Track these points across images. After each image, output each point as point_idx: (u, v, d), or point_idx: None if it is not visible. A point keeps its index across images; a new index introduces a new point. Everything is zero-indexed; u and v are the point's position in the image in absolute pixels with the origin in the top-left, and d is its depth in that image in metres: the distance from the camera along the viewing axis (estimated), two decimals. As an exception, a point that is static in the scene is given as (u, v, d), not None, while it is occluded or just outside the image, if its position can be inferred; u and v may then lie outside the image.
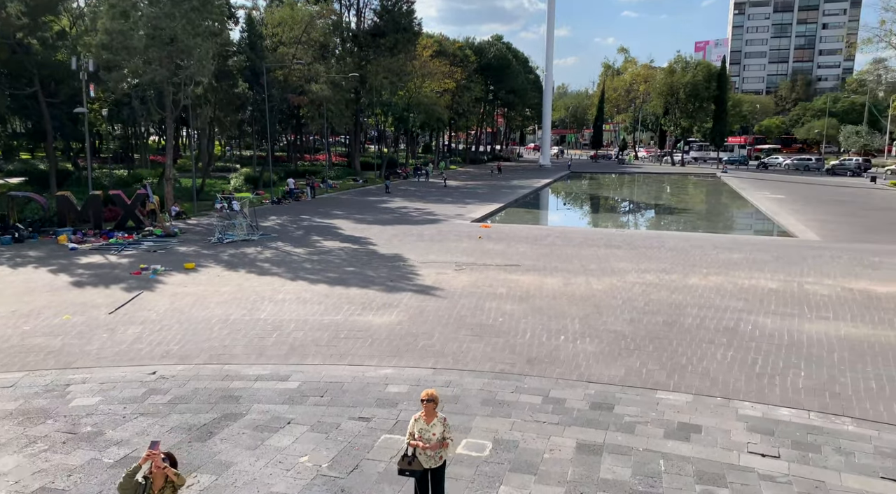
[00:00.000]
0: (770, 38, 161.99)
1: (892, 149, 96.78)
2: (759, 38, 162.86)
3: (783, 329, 15.75)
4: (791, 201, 46.03)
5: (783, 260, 24.40)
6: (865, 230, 33.07)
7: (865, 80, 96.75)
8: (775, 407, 11.35)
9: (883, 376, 12.75)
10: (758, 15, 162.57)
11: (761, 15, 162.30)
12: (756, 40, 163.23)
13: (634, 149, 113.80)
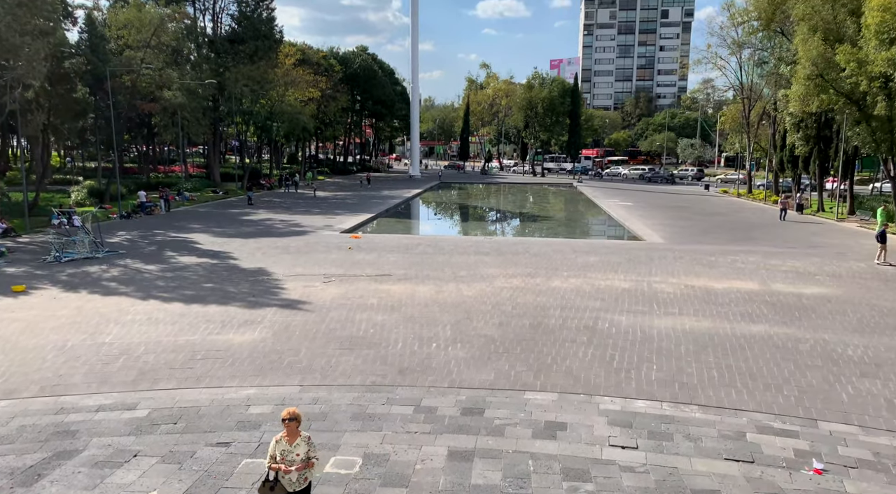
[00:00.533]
0: (616, 58, 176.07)
1: (721, 160, 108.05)
2: (607, 57, 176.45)
3: (636, 325, 16.76)
4: (638, 208, 49.78)
5: (634, 262, 26.12)
6: (702, 232, 36.43)
7: (697, 98, 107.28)
8: (632, 400, 11.97)
9: (722, 365, 13.90)
10: (604, 36, 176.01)
11: (607, 36, 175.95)
12: (604, 60, 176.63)
13: (500, 161, 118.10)
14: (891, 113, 33.62)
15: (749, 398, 12.13)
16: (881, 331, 16.55)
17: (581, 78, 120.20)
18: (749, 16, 48.78)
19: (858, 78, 33.30)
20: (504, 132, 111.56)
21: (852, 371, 13.59)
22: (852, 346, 15.25)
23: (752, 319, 17.53)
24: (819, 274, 24.20)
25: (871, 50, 32.04)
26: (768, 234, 35.71)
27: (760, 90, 58.06)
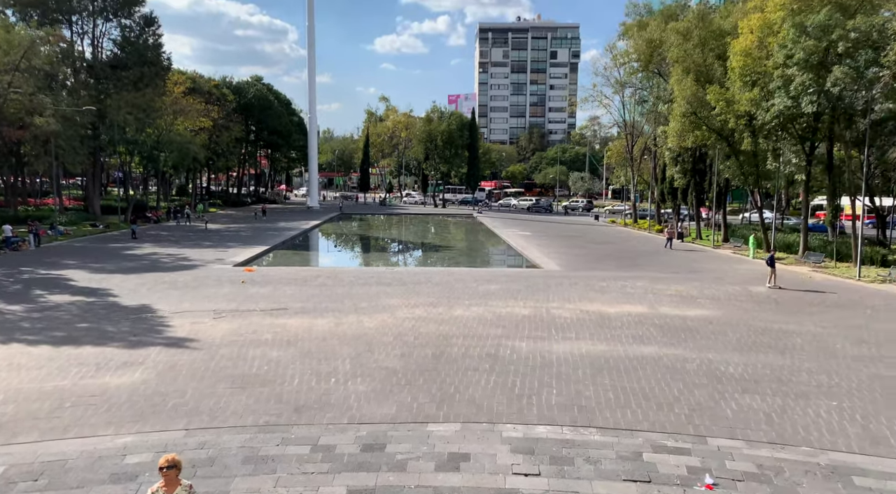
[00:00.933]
0: (510, 95, 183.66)
1: (609, 192, 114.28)
2: (501, 94, 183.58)
3: (536, 351, 16.99)
4: (536, 237, 51.33)
5: (533, 289, 26.70)
6: (595, 260, 37.98)
7: (585, 134, 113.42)
8: (533, 426, 11.99)
9: (618, 386, 14.28)
10: (499, 74, 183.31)
11: (501, 74, 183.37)
12: (499, 96, 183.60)
13: (400, 192, 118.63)
14: (755, 148, 36.88)
15: (643, 418, 12.48)
16: (757, 349, 17.71)
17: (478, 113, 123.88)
18: (629, 57, 52.48)
19: (727, 116, 36.37)
20: (405, 164, 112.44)
21: (735, 387, 14.36)
22: (733, 364, 16.17)
23: (643, 341, 18.25)
24: (700, 297, 25.74)
25: (736, 91, 35.14)
26: (653, 261, 37.76)
27: (642, 127, 62.18)
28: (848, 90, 29.01)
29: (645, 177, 67.66)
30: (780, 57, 31.65)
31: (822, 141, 35.42)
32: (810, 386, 14.63)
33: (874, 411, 13.03)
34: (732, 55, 35.39)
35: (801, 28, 30.32)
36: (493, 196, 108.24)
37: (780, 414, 12.79)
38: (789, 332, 19.85)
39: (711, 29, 40.32)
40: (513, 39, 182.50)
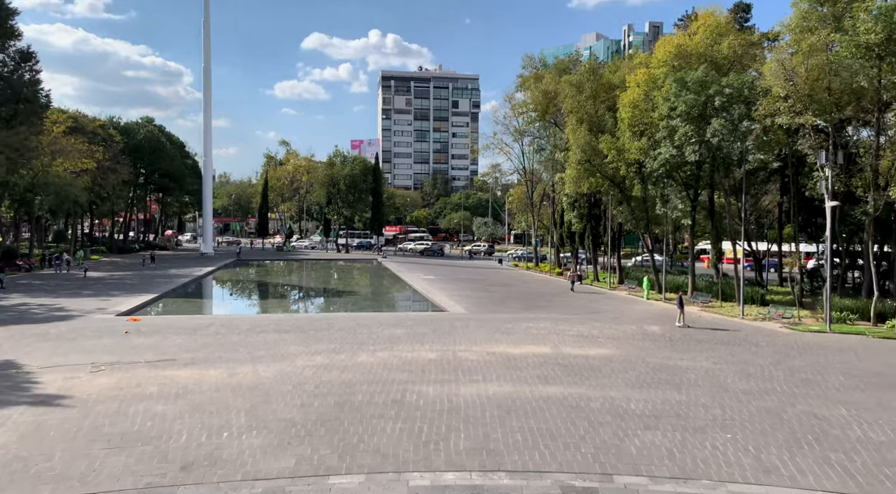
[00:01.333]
0: (413, 141, 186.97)
1: (511, 237, 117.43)
2: (405, 140, 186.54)
3: (443, 395, 16.61)
4: (440, 281, 51.42)
5: (439, 332, 26.44)
6: (498, 302, 38.42)
7: (487, 181, 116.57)
8: (442, 473, 11.54)
9: (525, 428, 14.12)
10: (402, 121, 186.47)
11: (405, 121, 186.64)
12: (402, 142, 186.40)
13: (301, 236, 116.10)
14: (645, 194, 39.09)
15: (551, 459, 12.35)
16: (656, 386, 18.21)
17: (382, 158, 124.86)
18: (527, 107, 54.83)
19: (618, 164, 38.46)
20: (306, 208, 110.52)
21: (637, 424, 14.57)
22: (634, 401, 16.48)
23: (548, 381, 18.33)
24: (601, 336, 26.44)
25: (626, 140, 37.32)
26: (555, 302, 38.70)
27: (541, 174, 64.66)
28: (725, 141, 31.50)
29: (545, 221, 70.02)
30: (664, 109, 34.03)
31: (704, 188, 38.10)
32: (706, 420, 15.09)
33: (764, 442, 13.56)
34: (621, 107, 37.71)
35: (681, 83, 32.83)
36: (398, 240, 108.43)
37: (681, 449, 13.04)
38: (684, 369, 20.61)
39: (602, 82, 42.95)
40: (415, 88, 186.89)
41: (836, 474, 11.89)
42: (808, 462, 12.44)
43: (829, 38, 26.95)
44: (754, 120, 31.07)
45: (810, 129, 29.12)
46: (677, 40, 35.82)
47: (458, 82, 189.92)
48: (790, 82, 28.28)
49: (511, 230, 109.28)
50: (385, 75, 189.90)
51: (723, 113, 31.96)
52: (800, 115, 28.35)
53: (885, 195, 28.20)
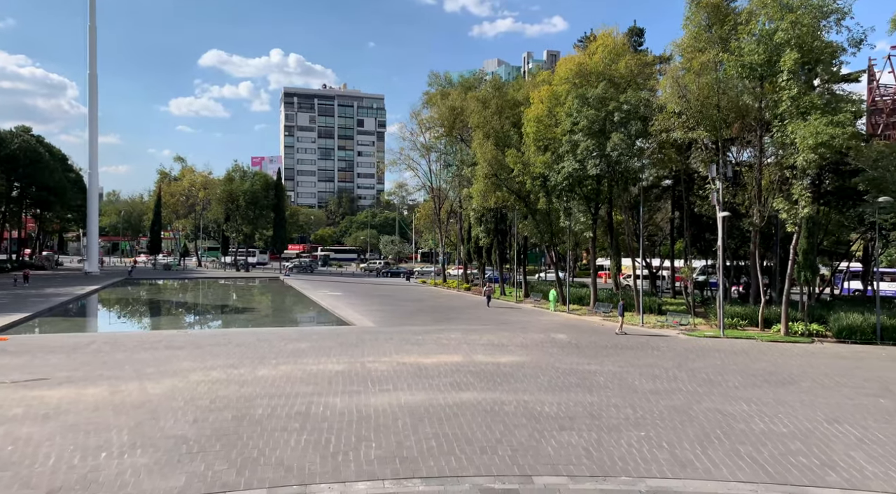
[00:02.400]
0: (318, 159, 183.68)
1: (418, 255, 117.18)
2: (309, 158, 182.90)
3: (352, 405, 15.70)
4: (346, 297, 50.09)
5: (346, 345, 25.42)
6: (407, 316, 37.76)
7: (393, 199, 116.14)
8: (352, 483, 10.69)
9: (440, 434, 13.48)
10: (305, 138, 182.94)
11: (308, 139, 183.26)
12: (306, 160, 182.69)
13: (197, 255, 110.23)
14: (549, 208, 39.88)
15: (468, 463, 11.79)
16: (568, 389, 18.16)
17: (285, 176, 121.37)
18: (434, 122, 54.98)
19: (524, 177, 39.07)
20: (203, 226, 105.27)
21: (552, 426, 14.31)
22: (548, 404, 16.28)
23: (461, 388, 17.86)
24: (510, 345, 26.36)
25: (531, 154, 38.00)
26: (464, 315, 38.53)
27: (448, 190, 64.91)
28: (624, 155, 32.70)
29: (452, 238, 70.24)
30: (567, 124, 34.97)
31: (604, 202, 39.39)
32: (619, 419, 15.08)
33: (677, 438, 13.65)
34: (526, 122, 38.45)
35: (583, 99, 33.91)
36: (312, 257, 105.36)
37: (598, 448, 12.87)
38: (593, 372, 20.78)
39: (506, 99, 43.75)
40: (319, 105, 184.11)
41: (746, 465, 12.05)
42: (720, 455, 12.58)
43: (718, 58, 28.68)
44: (651, 134, 32.50)
45: (702, 144, 30.80)
46: (578, 59, 37.07)
47: (364, 101, 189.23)
48: (683, 99, 29.82)
49: (418, 248, 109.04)
50: (288, 92, 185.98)
51: (621, 128, 33.24)
52: (692, 130, 29.90)
53: (768, 207, 30.13)
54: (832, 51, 26.37)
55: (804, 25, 25.73)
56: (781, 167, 28.70)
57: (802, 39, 25.85)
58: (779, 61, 26.36)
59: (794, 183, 27.67)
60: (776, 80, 26.85)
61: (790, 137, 26.62)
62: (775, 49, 26.42)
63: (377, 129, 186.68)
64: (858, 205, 33.68)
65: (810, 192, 27.93)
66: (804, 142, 25.35)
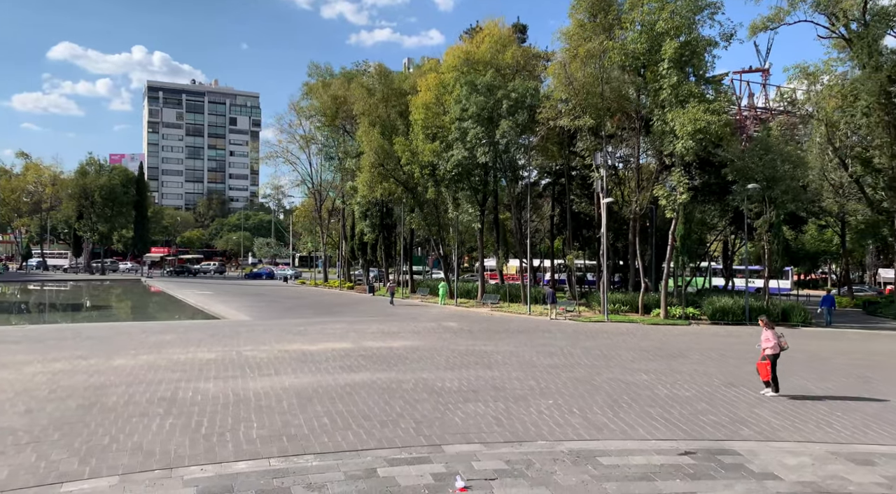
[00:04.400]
0: (185, 158, 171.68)
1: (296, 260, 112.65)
2: (175, 157, 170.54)
3: (228, 390, 13.82)
4: (218, 295, 46.55)
5: (219, 336, 23.34)
6: (287, 310, 35.56)
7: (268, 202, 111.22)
8: (230, 463, 8.92)
9: (333, 411, 12.03)
10: (172, 136, 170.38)
11: (175, 136, 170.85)
12: (172, 159, 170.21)
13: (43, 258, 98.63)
14: (437, 197, 39.11)
15: (368, 437, 10.40)
16: (467, 367, 17.25)
17: (148, 175, 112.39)
18: (316, 110, 52.41)
19: (412, 166, 38.00)
20: (51, 226, 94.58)
21: (456, 399, 13.28)
22: (448, 380, 15.25)
23: (353, 370, 16.45)
24: (402, 332, 25.20)
25: (419, 142, 37.04)
26: (349, 309, 36.85)
27: (330, 184, 62.45)
28: (513, 143, 32.59)
29: (334, 237, 67.76)
30: (456, 111, 34.38)
31: (491, 194, 39.22)
32: (524, 390, 14.32)
33: (587, 404, 13.05)
34: (414, 109, 37.49)
35: (472, 86, 33.48)
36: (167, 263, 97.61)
37: (508, 416, 11.95)
38: (490, 352, 20.11)
39: (393, 87, 42.55)
40: (188, 101, 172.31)
41: (661, 425, 11.60)
42: (633, 417, 12.06)
43: (603, 46, 29.27)
44: (539, 123, 32.66)
45: (588, 133, 31.32)
46: (465, 48, 36.74)
47: (237, 99, 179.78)
48: (570, 86, 30.16)
49: (296, 251, 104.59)
50: (152, 85, 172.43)
51: (510, 117, 33.13)
52: (579, 118, 30.30)
53: (648, 195, 31.14)
54: (707, 43, 27.69)
55: (682, 17, 26.80)
56: (661, 155, 29.74)
57: (680, 30, 26.89)
58: (660, 50, 27.27)
59: (674, 170, 28.72)
60: (657, 69, 27.77)
61: (670, 125, 27.58)
62: (656, 38, 27.32)
63: (251, 128, 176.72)
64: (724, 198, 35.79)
65: (688, 179, 29.13)
66: (683, 129, 26.32)
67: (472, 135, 33.57)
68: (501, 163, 35.04)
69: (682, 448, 9.96)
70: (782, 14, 35.07)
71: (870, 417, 12.45)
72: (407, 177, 39.41)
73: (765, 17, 35.18)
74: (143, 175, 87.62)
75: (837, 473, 8.83)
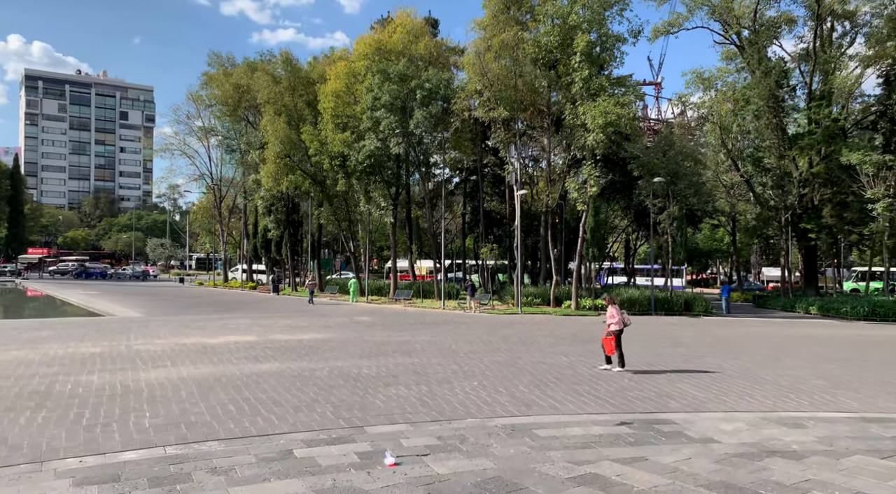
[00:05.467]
0: (69, 154, 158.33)
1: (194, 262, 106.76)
2: (58, 152, 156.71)
3: (115, 381, 12.30)
4: (105, 294, 42.96)
5: (106, 332, 21.29)
6: (184, 308, 33.21)
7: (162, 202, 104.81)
8: (117, 453, 7.62)
9: (239, 399, 10.89)
10: (54, 129, 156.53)
11: (57, 130, 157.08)
12: (54, 154, 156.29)
13: None
14: (348, 190, 37.80)
15: (281, 422, 9.36)
16: (384, 355, 16.42)
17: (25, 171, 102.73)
18: (217, 99, 49.41)
19: (321, 157, 36.49)
20: None
21: (376, 384, 12.43)
22: (366, 367, 14.40)
23: (259, 360, 15.21)
24: (311, 327, 23.99)
25: (329, 132, 35.64)
26: (253, 307, 34.93)
27: (231, 179, 59.32)
28: (427, 134, 31.96)
29: (235, 237, 64.48)
30: (368, 100, 33.32)
31: (403, 189, 38.42)
32: (447, 373, 13.68)
33: (512, 384, 12.58)
34: (323, 97, 36.06)
35: (384, 74, 32.56)
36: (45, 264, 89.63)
37: (432, 397, 11.23)
38: (406, 341, 19.39)
39: (300, 76, 40.84)
40: (72, 93, 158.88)
41: (590, 400, 11.26)
42: (561, 394, 11.67)
43: (517, 37, 29.27)
44: (454, 113, 32.23)
45: (501, 126, 31.22)
46: (377, 37, 35.78)
47: (129, 92, 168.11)
48: (485, 77, 29.95)
49: (193, 253, 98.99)
50: (31, 74, 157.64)
51: (424, 107, 32.50)
52: (493, 110, 30.13)
53: (559, 188, 31.45)
54: (616, 39, 28.31)
55: (594, 11, 27.24)
56: (570, 149, 30.09)
57: (592, 25, 27.32)
58: (572, 44, 27.57)
59: (585, 164, 29.12)
60: (570, 63, 28.07)
61: (581, 119, 27.93)
62: (568, 32, 27.61)
63: (144, 124, 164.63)
64: (630, 194, 36.90)
65: (598, 173, 29.64)
66: (595, 122, 26.69)
67: (385, 125, 32.62)
68: (415, 155, 34.32)
69: (618, 420, 9.60)
70: (681, 20, 36.69)
71: (786, 388, 12.71)
72: (315, 168, 37.82)
73: (665, 22, 36.70)
74: (20, 168, 79.81)
75: (774, 435, 8.72)
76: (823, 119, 34.86)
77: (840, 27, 38.81)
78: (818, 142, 34.60)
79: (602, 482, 6.66)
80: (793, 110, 39.23)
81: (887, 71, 37.27)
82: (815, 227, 36.02)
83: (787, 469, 7.13)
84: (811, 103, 36.35)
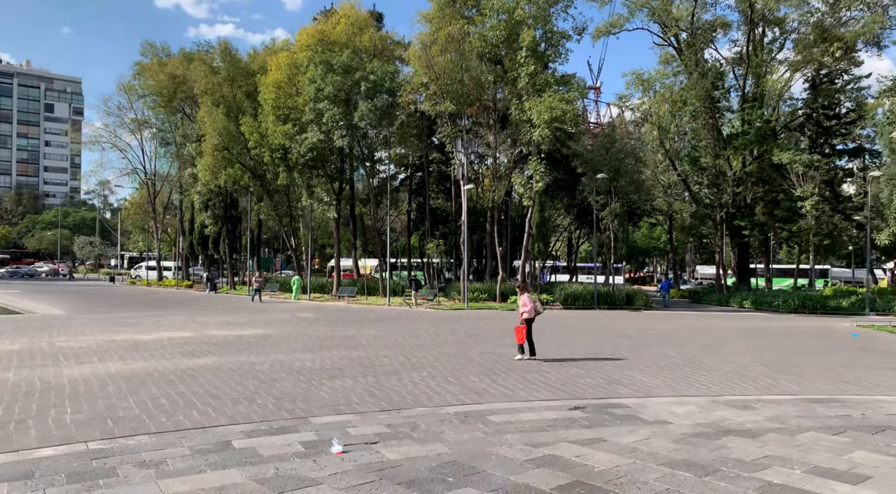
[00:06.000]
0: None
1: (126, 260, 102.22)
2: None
3: (33, 377, 11.41)
4: (28, 294, 40.40)
5: (25, 329, 20.01)
6: (113, 306, 31.56)
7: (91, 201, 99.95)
8: (32, 450, 6.89)
9: (172, 393, 10.20)
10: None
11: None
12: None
13: None
14: (290, 183, 36.76)
15: (218, 414, 8.77)
16: (328, 349, 15.95)
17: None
18: (150, 89, 47.18)
19: (262, 150, 35.35)
20: None
21: (320, 376, 11.93)
22: (309, 360, 13.88)
23: (195, 355, 14.44)
24: (251, 323, 23.12)
25: (269, 124, 34.56)
26: (189, 304, 33.55)
27: (166, 174, 56.92)
28: (371, 127, 31.39)
29: (170, 234, 61.97)
30: (311, 92, 32.46)
31: (347, 183, 37.66)
32: (394, 366, 13.27)
33: (463, 374, 12.31)
34: (264, 88, 34.96)
35: (328, 65, 31.78)
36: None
37: (380, 388, 10.82)
38: (351, 336, 18.88)
39: (240, 66, 39.51)
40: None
41: (542, 388, 11.10)
42: (512, 383, 11.46)
43: (463, 31, 29.08)
44: (399, 106, 31.77)
45: (448, 119, 30.98)
46: (320, 27, 34.95)
47: (55, 83, 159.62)
48: (431, 70, 29.63)
49: (125, 251, 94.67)
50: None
51: (369, 100, 31.91)
52: (439, 103, 29.85)
53: (505, 184, 31.45)
54: (560, 35, 28.51)
55: (539, 6, 27.33)
56: (516, 144, 30.13)
57: (538, 20, 27.40)
58: (518, 39, 27.58)
59: (531, 159, 29.19)
60: (516, 58, 28.08)
61: (527, 114, 27.97)
62: (514, 27, 27.61)
63: (72, 116, 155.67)
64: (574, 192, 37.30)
65: (544, 168, 29.76)
66: (541, 117, 26.77)
67: (328, 117, 31.82)
68: (360, 149, 33.66)
69: (571, 405, 9.43)
70: (623, 21, 37.36)
71: (731, 374, 12.89)
72: (255, 162, 36.62)
73: (607, 22, 37.30)
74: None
75: (726, 417, 8.72)
76: (756, 120, 36.17)
77: (770, 33, 40.42)
78: (751, 142, 35.87)
79: (562, 463, 6.43)
80: (727, 111, 40.56)
81: (813, 75, 39.03)
82: (748, 225, 37.33)
83: (745, 447, 7.09)
84: (744, 105, 37.67)
